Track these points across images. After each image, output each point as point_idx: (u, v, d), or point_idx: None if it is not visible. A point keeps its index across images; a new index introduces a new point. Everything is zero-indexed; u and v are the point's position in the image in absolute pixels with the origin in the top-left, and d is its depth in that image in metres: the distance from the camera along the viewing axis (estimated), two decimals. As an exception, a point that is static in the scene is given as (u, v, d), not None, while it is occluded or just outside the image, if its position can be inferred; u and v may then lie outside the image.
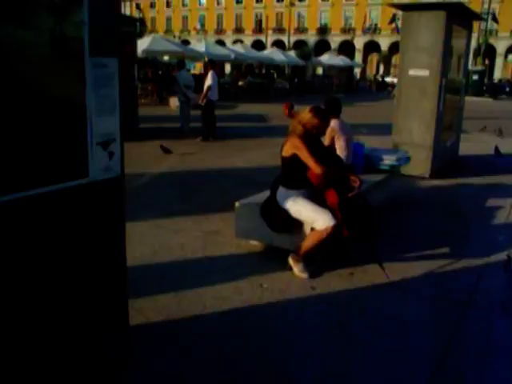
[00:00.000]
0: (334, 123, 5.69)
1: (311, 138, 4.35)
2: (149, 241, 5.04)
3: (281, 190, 4.49)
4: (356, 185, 4.24)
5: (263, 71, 36.79)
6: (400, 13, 9.19)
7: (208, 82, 11.90)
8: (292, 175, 4.42)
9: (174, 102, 17.92)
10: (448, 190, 7.81)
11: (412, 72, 8.14)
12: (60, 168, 2.22)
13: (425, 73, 8.01)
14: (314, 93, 33.80)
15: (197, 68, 42.60)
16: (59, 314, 2.31)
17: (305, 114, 4.38)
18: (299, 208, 4.33)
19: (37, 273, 2.16)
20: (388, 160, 6.28)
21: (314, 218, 4.22)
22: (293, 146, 4.32)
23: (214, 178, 8.19)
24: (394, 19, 20.97)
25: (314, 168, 4.19)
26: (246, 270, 4.41)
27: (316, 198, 4.40)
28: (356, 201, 4.34)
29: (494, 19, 27.99)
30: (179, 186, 7.56)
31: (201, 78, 18.27)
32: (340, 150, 5.80)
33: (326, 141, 5.68)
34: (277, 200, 4.52)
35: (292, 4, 61.91)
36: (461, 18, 8.48)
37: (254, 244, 4.95)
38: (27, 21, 1.94)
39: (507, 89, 47.92)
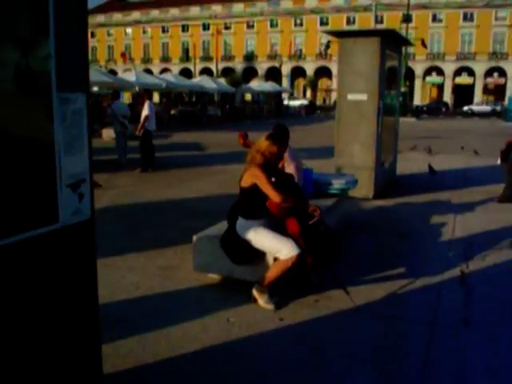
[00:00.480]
0: (284, 150, 5.69)
1: (270, 165, 4.30)
2: (102, 282, 4.75)
3: (240, 221, 4.40)
4: (317, 214, 4.23)
5: (193, 99, 36.88)
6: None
7: (145, 111, 11.70)
8: (252, 205, 4.35)
9: (108, 133, 17.50)
10: (393, 210, 8.00)
11: (350, 96, 8.35)
12: (27, 214, 2.03)
13: (363, 97, 8.23)
14: (246, 119, 34.20)
15: (125, 98, 42.00)
16: (25, 367, 2.09)
17: (262, 142, 4.33)
18: (261, 238, 4.25)
19: (4, 324, 1.95)
20: (337, 184, 6.35)
21: (277, 248, 4.16)
22: (252, 176, 4.26)
23: (159, 211, 7.98)
24: (328, 46, 21.64)
25: (274, 197, 4.14)
26: (210, 305, 4.26)
27: (277, 227, 4.34)
28: (317, 227, 4.32)
29: (423, 45, 29.53)
30: (124, 221, 7.29)
31: (132, 108, 18.01)
32: (291, 176, 5.80)
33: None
34: (236, 231, 4.42)
35: (218, 32, 62.77)
36: (393, 44, 8.82)
37: (214, 277, 4.81)
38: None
39: (443, 109, 50.66)
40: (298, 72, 68.99)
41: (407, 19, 38.80)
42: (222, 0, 73.01)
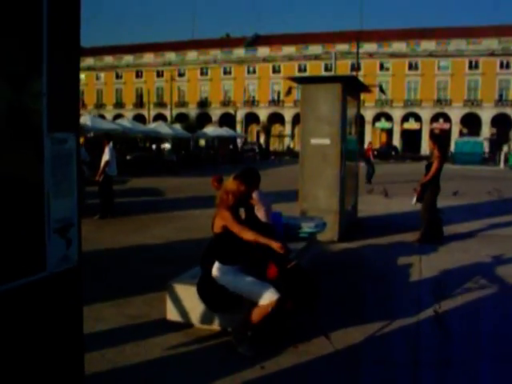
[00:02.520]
0: (254, 194, 5.65)
1: (239, 205, 4.25)
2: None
3: (216, 267, 4.29)
4: (282, 252, 4.08)
5: (147, 145, 36.70)
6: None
7: (105, 157, 11.51)
8: (227, 250, 4.25)
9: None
10: (360, 252, 8.04)
11: (314, 141, 8.47)
12: (14, 262, 1.89)
13: (326, 141, 8.37)
14: (202, 164, 34.21)
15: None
16: None
17: (230, 183, 4.29)
18: (239, 284, 4.15)
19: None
20: (306, 227, 6.34)
21: (256, 294, 4.06)
22: (221, 219, 4.18)
23: (122, 258, 7.72)
24: (290, 91, 22.04)
25: (239, 232, 4.04)
26: (188, 355, 4.08)
27: (254, 271, 4.25)
28: (296, 271, 4.25)
29: (381, 90, 30.51)
30: (86, 270, 6.98)
31: (89, 153, 17.69)
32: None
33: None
34: (212, 277, 4.30)
35: (172, 79, 63.32)
36: (352, 90, 9.08)
37: (189, 325, 4.63)
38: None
39: (393, 152, 52.24)
40: (251, 118, 70.05)
41: (357, 67, 40.26)
42: (175, 47, 74.02)
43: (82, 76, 76.97)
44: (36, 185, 1.96)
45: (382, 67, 65.22)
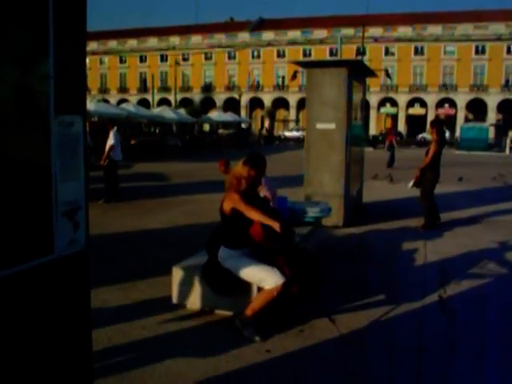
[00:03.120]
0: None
1: (249, 190, 4.24)
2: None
3: (223, 251, 4.30)
4: (277, 230, 4.04)
5: (151, 129, 36.69)
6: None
7: (110, 141, 11.51)
8: (234, 233, 4.26)
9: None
10: (365, 237, 8.04)
11: (319, 126, 8.43)
12: (22, 245, 1.89)
13: (331, 126, 8.32)
14: (206, 149, 34.19)
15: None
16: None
17: (239, 167, 4.28)
18: (245, 268, 4.15)
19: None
20: (312, 212, 6.33)
21: (262, 278, 4.07)
22: (230, 201, 4.18)
23: (127, 242, 7.75)
24: (295, 76, 21.93)
25: (249, 214, 4.03)
26: (193, 339, 4.11)
27: (260, 255, 4.26)
28: (302, 255, 4.25)
29: (388, 75, 30.21)
30: (92, 254, 7.02)
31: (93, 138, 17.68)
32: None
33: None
34: (218, 261, 4.31)
35: (177, 63, 63.03)
36: (358, 74, 9.01)
37: (194, 309, 4.65)
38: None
39: (398, 138, 52.07)
40: (255, 103, 69.81)
41: (362, 52, 39.98)
42: (179, 32, 73.59)
43: (86, 60, 76.78)
44: (43, 167, 1.95)
45: (387, 52, 64.71)
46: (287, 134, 57.13)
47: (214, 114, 43.59)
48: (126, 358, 3.77)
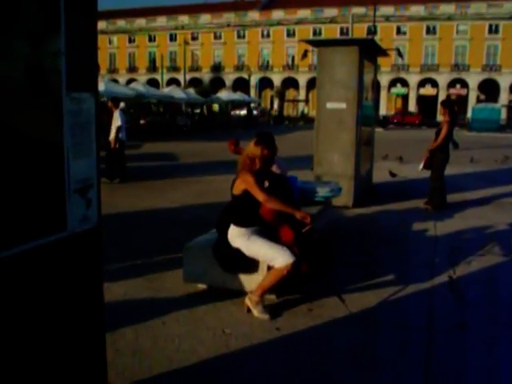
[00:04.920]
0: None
1: (262, 170, 4.23)
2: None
3: (233, 229, 4.31)
4: (307, 221, 4.14)
5: (161, 109, 36.58)
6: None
7: (117, 122, 11.27)
8: (244, 212, 4.26)
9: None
10: (375, 218, 8.03)
11: (329, 105, 8.37)
12: (36, 221, 1.91)
13: (342, 105, 8.26)
14: (215, 128, 34.09)
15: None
16: (27, 375, 1.95)
17: (252, 147, 4.25)
18: (255, 247, 4.17)
19: (10, 335, 1.82)
20: (322, 192, 6.32)
21: (272, 257, 4.08)
22: (243, 181, 4.17)
23: (136, 222, 7.78)
24: (306, 55, 21.69)
25: (259, 197, 4.05)
26: (203, 317, 4.14)
27: (270, 234, 4.27)
28: (311, 235, 4.26)
29: (399, 54, 29.77)
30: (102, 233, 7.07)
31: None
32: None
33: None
34: (228, 240, 4.32)
35: (186, 43, 62.60)
36: (370, 54, 8.90)
37: (205, 288, 4.68)
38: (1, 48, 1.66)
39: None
40: (265, 83, 69.35)
41: (374, 31, 39.47)
42: (188, 11, 72.97)
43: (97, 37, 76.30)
44: (55, 144, 1.95)
45: (398, 31, 63.84)
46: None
47: (224, 94, 43.34)
48: (138, 335, 3.81)
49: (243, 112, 45.13)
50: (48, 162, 1.94)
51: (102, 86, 23.59)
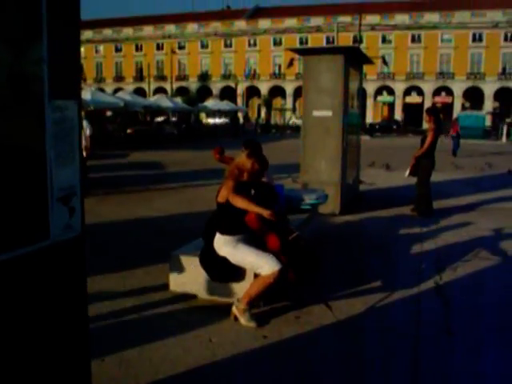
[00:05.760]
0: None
1: (250, 182, 4.22)
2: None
3: (218, 238, 4.30)
4: (272, 219, 3.99)
5: (148, 118, 36.45)
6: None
7: (86, 132, 10.86)
8: (230, 220, 4.25)
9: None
10: (361, 225, 8.06)
11: (316, 113, 8.40)
12: (18, 230, 1.89)
13: (328, 113, 8.30)
14: (202, 137, 34.07)
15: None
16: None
17: (243, 159, 4.22)
18: (241, 255, 4.16)
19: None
20: (308, 199, 6.33)
21: (258, 264, 4.08)
22: (227, 188, 4.15)
23: (122, 231, 7.72)
24: (291, 63, 21.84)
25: (231, 199, 3.99)
26: (190, 326, 4.12)
27: (256, 242, 4.26)
28: (297, 242, 4.26)
29: (384, 62, 29.89)
30: (88, 242, 7.00)
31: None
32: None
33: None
34: (214, 248, 4.31)
35: (173, 52, 62.65)
36: (355, 62, 8.97)
37: (191, 296, 4.66)
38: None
39: (395, 126, 52.15)
40: (252, 91, 69.55)
41: (359, 40, 39.79)
42: (175, 20, 73.07)
43: (81, 49, 75.94)
44: (38, 153, 1.94)
45: (384, 40, 64.43)
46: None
47: (211, 103, 43.39)
48: (123, 344, 3.77)
49: (219, 120, 44.64)
50: (30, 171, 1.92)
51: (88, 96, 23.51)
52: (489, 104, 60.61)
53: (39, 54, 1.87)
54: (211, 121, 44.32)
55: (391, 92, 65.14)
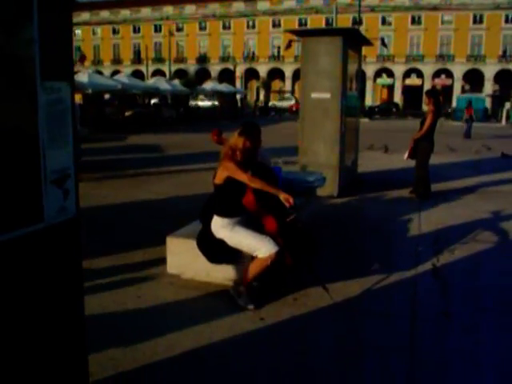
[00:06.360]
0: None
1: (245, 161, 4.20)
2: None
3: (215, 220, 4.29)
4: (290, 203, 4.07)
5: (146, 101, 36.25)
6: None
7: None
8: (227, 202, 4.24)
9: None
10: (359, 207, 8.06)
11: (314, 95, 8.35)
12: (11, 213, 1.88)
13: (326, 95, 8.25)
14: (201, 120, 33.95)
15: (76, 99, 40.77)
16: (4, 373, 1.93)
17: (235, 138, 4.21)
18: (238, 237, 4.16)
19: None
20: (306, 182, 6.32)
21: (255, 247, 4.07)
22: (224, 169, 4.14)
23: (121, 213, 7.73)
24: (290, 45, 21.71)
25: (243, 179, 4.00)
26: (188, 308, 4.14)
27: (253, 224, 4.26)
28: (294, 224, 4.25)
29: (383, 44, 29.56)
30: (86, 225, 7.01)
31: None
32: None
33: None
34: (212, 231, 4.31)
35: (171, 33, 62.08)
36: (354, 44, 8.89)
37: (189, 279, 4.67)
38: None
39: (394, 109, 51.95)
40: (251, 74, 69.10)
41: (359, 22, 39.36)
42: (173, 1, 72.29)
43: (79, 31, 75.48)
44: (30, 135, 1.92)
45: (384, 21, 63.80)
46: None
47: (209, 85, 43.08)
48: (121, 326, 3.79)
49: (206, 103, 42.95)
50: (23, 153, 1.91)
51: (85, 78, 23.35)
52: (489, 86, 60.25)
53: (30, 35, 1.84)
54: (200, 103, 42.89)
55: (391, 74, 64.72)
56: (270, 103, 57.97)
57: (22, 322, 1.99)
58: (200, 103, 43.11)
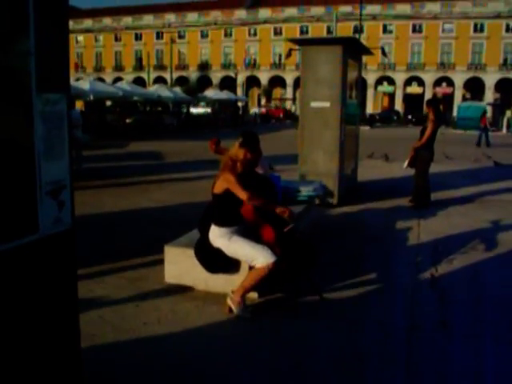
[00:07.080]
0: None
1: (244, 172, 4.21)
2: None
3: (213, 229, 4.29)
4: (285, 215, 4.10)
5: (147, 108, 36.38)
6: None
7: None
8: (225, 212, 4.25)
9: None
10: (359, 216, 8.05)
11: (314, 104, 8.37)
12: (7, 224, 1.88)
13: (326, 104, 8.27)
14: (202, 128, 34.00)
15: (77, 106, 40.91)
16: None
17: (236, 149, 4.21)
18: (236, 247, 4.16)
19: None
20: (305, 191, 6.32)
21: (253, 256, 4.07)
22: (224, 181, 4.15)
23: (120, 221, 7.73)
24: (290, 53, 21.80)
25: (242, 195, 4.00)
26: (185, 317, 4.13)
27: (251, 234, 4.26)
28: (292, 234, 4.26)
29: (384, 53, 29.75)
30: (84, 232, 6.99)
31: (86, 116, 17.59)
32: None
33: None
34: (209, 240, 4.31)
35: (172, 41, 62.29)
36: (354, 52, 8.92)
37: (187, 288, 4.66)
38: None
39: (395, 117, 51.97)
40: (252, 81, 69.28)
41: (360, 30, 39.57)
42: (175, 9, 72.62)
43: (81, 38, 75.78)
44: (26, 146, 1.93)
45: (385, 30, 64.04)
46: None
47: (210, 93, 43.23)
48: (119, 335, 3.78)
49: (202, 110, 42.96)
50: (18, 164, 1.91)
51: (87, 85, 23.43)
52: (490, 95, 60.34)
53: (26, 48, 1.85)
54: (194, 110, 42.53)
55: (392, 82, 64.87)
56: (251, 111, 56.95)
57: (16, 334, 1.99)
58: (201, 110, 43.13)
